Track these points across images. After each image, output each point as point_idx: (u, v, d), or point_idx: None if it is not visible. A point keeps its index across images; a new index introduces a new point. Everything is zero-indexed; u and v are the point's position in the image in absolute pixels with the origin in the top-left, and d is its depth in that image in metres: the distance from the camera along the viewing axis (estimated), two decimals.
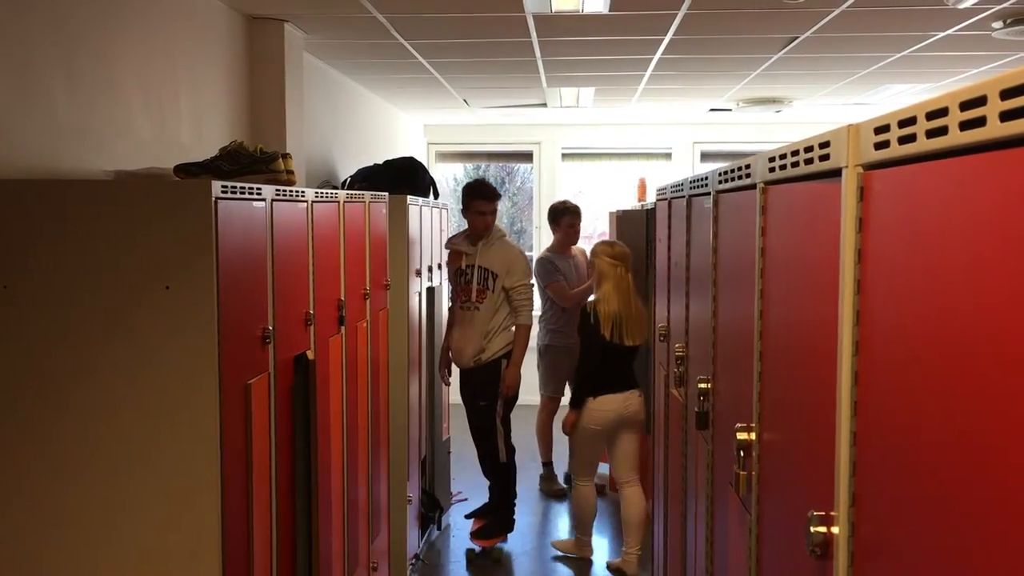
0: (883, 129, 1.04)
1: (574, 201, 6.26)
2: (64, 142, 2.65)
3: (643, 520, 4.79)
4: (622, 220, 5.99)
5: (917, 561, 0.98)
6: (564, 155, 9.12)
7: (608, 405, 4.73)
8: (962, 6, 3.73)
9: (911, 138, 0.97)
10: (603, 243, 5.05)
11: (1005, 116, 0.77)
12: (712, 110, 7.70)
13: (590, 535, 5.13)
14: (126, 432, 2.31)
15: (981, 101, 0.81)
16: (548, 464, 6.30)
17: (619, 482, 4.92)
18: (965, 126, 0.85)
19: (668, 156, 9.00)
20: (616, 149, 9.18)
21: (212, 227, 2.27)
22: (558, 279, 5.93)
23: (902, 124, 0.99)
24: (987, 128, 0.81)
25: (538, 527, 5.62)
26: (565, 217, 6.02)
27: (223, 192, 2.34)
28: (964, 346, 0.87)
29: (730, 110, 7.53)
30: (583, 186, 9.45)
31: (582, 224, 6.18)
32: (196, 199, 2.28)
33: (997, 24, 4.19)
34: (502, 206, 10.60)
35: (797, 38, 4.64)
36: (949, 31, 4.45)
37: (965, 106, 0.84)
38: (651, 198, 5.86)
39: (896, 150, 1.01)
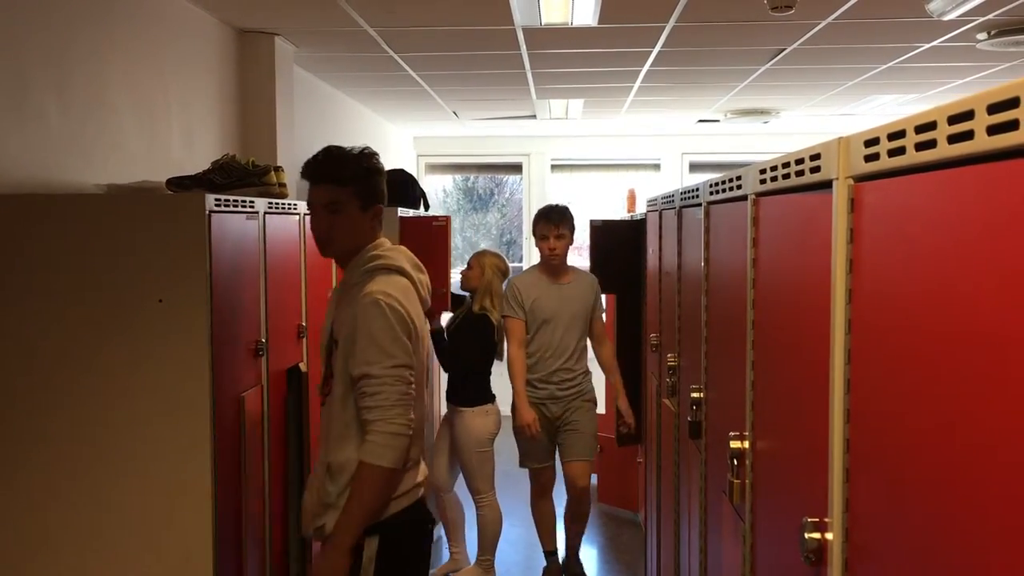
0: (873, 142, 1.06)
1: (563, 203, 4.55)
2: (56, 157, 2.65)
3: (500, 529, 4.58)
4: (600, 231, 5.33)
5: (911, 566, 0.99)
6: (553, 166, 9.15)
7: (495, 411, 4.44)
8: (947, 18, 3.77)
9: (901, 151, 0.99)
10: (495, 254, 4.55)
11: (992, 130, 0.79)
12: (700, 121, 7.75)
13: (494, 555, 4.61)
14: (121, 444, 2.31)
15: (969, 115, 0.83)
16: (552, 554, 4.69)
17: (482, 492, 4.45)
18: (953, 139, 0.87)
19: (657, 167, 9.04)
20: (605, 160, 9.22)
21: (205, 240, 2.28)
22: (511, 314, 4.34)
23: (892, 137, 1.01)
24: (975, 141, 0.83)
25: (527, 537, 5.61)
26: (538, 226, 4.36)
27: (216, 205, 2.35)
28: (955, 354, 0.89)
29: (718, 121, 7.58)
30: (572, 197, 9.48)
31: (562, 233, 4.30)
32: (189, 212, 2.29)
33: (981, 36, 4.24)
34: (492, 218, 10.57)
35: (784, 50, 4.68)
36: (934, 43, 4.50)
37: (953, 120, 0.86)
38: (640, 209, 5.89)
39: (886, 162, 1.03)
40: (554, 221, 4.29)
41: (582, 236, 5.74)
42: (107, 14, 2.95)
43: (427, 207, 5.59)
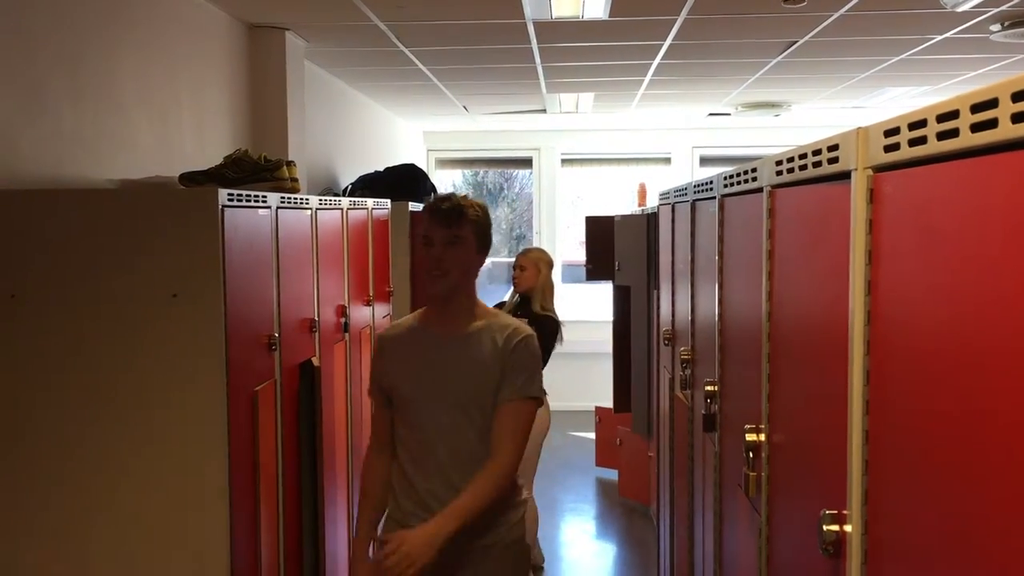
0: (893, 132, 1.06)
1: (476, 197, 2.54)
2: (68, 153, 2.66)
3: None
4: (597, 225, 5.82)
5: (931, 558, 0.99)
6: (563, 161, 9.14)
7: (547, 406, 4.25)
8: (960, 9, 3.75)
9: (922, 140, 0.98)
10: (539, 248, 4.55)
11: (1017, 118, 0.79)
12: (711, 115, 7.73)
13: None
14: (134, 440, 2.31)
15: (992, 103, 0.82)
16: None
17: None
18: (976, 128, 0.86)
19: (667, 161, 9.02)
20: (615, 154, 9.20)
21: (219, 235, 2.28)
22: (372, 390, 2.55)
23: (912, 127, 1.00)
24: (999, 130, 0.82)
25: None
26: (423, 224, 2.43)
27: (229, 200, 2.35)
28: (976, 345, 0.88)
29: (729, 115, 7.55)
30: (583, 192, 9.48)
31: (461, 236, 2.36)
32: (203, 207, 2.29)
33: (995, 27, 4.21)
34: (502, 212, 10.50)
35: (796, 42, 4.66)
36: (947, 34, 4.47)
37: (976, 108, 0.86)
38: (651, 203, 5.88)
39: (906, 152, 1.02)
40: (446, 216, 2.34)
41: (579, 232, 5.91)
42: (119, 10, 2.95)
43: None
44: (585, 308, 7.94)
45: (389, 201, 4.51)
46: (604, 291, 6.54)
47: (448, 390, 2.36)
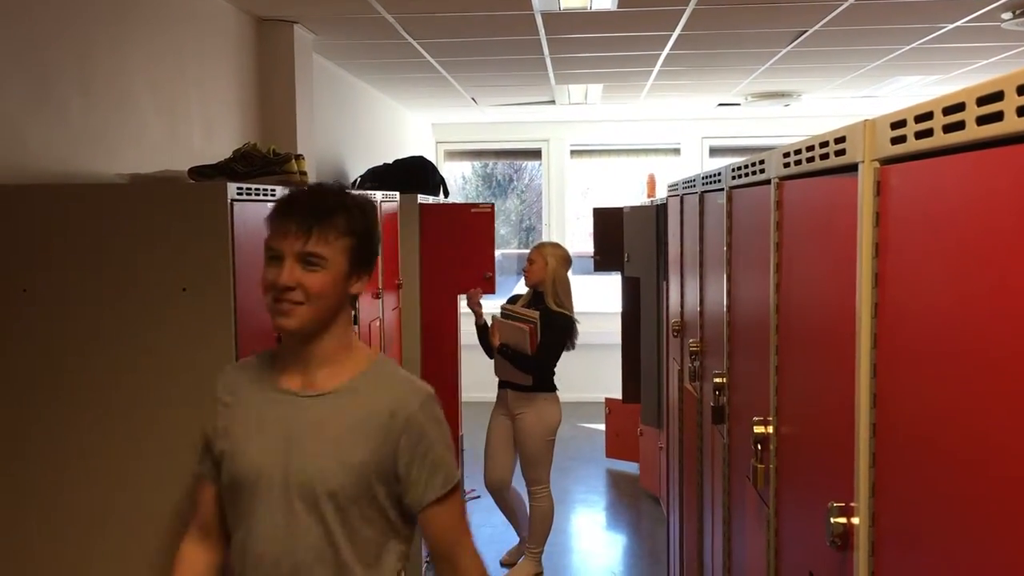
0: (899, 124, 1.06)
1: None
2: (78, 147, 2.67)
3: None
4: (601, 217, 5.86)
5: (938, 550, 0.99)
6: (572, 152, 9.13)
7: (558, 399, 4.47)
8: None
9: (928, 133, 0.98)
10: (554, 243, 4.60)
11: (1022, 111, 0.79)
12: (721, 105, 7.70)
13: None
14: (144, 435, 2.32)
15: (998, 96, 0.82)
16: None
17: (543, 482, 4.49)
18: (982, 121, 0.86)
19: (677, 152, 8.99)
20: (624, 145, 9.18)
21: (228, 229, 2.28)
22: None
23: (919, 119, 1.00)
24: (1004, 123, 0.82)
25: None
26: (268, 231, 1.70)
27: (238, 194, 2.36)
28: (982, 337, 0.88)
29: (739, 105, 7.53)
30: (592, 183, 9.47)
31: (318, 255, 1.64)
32: (212, 201, 2.29)
33: (1006, 15, 4.18)
34: (512, 204, 10.51)
35: (805, 32, 4.64)
36: (958, 22, 4.45)
37: (982, 101, 0.85)
38: (660, 194, 5.87)
39: (913, 145, 1.02)
40: (303, 222, 1.64)
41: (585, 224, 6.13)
42: (127, 3, 2.96)
43: (447, 194, 5.61)
44: (594, 299, 7.93)
45: (398, 194, 4.51)
46: (613, 282, 6.54)
47: (292, 474, 1.64)
